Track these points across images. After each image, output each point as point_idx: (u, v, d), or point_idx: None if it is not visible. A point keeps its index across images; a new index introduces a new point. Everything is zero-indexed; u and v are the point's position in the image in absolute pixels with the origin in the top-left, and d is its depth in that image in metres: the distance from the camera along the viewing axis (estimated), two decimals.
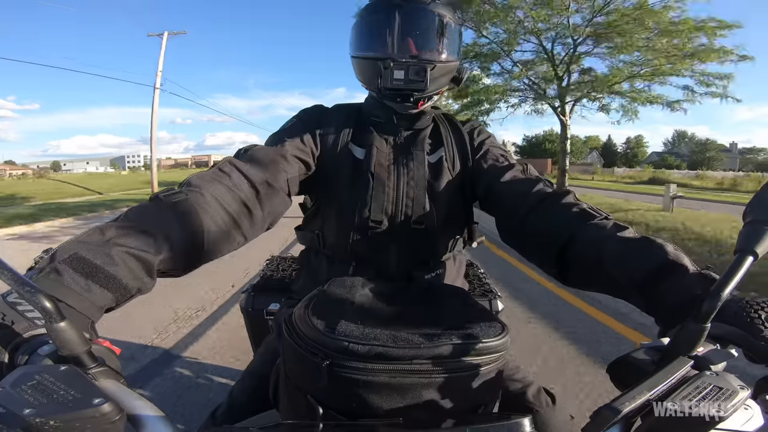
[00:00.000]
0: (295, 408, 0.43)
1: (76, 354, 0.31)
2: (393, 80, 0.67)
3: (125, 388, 0.32)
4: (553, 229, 0.58)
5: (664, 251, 0.46)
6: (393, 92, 0.69)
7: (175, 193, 0.52)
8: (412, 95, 0.69)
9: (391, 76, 0.67)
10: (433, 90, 0.71)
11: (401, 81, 0.67)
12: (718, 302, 0.32)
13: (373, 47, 0.71)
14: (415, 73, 0.67)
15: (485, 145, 0.77)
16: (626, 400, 0.28)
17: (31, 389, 0.26)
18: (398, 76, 0.67)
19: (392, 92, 0.69)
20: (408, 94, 0.69)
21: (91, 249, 0.41)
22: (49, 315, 0.29)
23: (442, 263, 0.76)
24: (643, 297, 0.47)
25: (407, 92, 0.69)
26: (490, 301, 1.04)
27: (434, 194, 0.71)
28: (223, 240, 0.54)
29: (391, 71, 0.67)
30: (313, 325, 0.40)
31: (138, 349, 2.15)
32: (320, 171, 0.72)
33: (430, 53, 0.70)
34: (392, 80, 0.67)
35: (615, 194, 13.90)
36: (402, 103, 0.72)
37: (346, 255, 0.72)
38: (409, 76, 0.67)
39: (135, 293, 0.45)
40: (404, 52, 0.69)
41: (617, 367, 0.37)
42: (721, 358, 0.33)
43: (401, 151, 0.73)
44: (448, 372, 0.38)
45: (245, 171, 0.59)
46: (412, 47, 0.69)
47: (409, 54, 0.69)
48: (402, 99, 0.70)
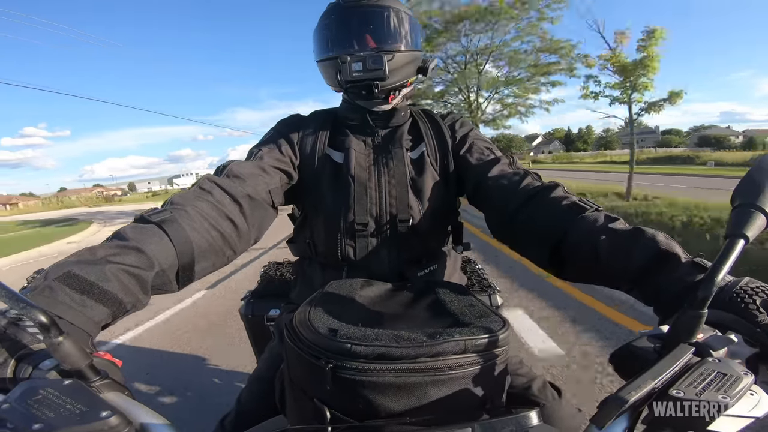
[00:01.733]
0: (302, 412, 0.43)
1: (78, 368, 0.30)
2: (352, 73, 0.68)
3: (131, 399, 0.32)
4: (545, 224, 0.58)
5: (655, 242, 0.47)
6: (354, 85, 0.70)
7: (160, 212, 0.52)
8: (375, 86, 0.69)
9: (349, 69, 0.68)
10: (397, 80, 0.72)
11: (360, 72, 0.68)
12: (713, 288, 0.32)
13: (332, 48, 0.72)
14: (372, 62, 0.67)
15: (469, 138, 0.76)
16: (632, 389, 0.29)
17: (38, 404, 0.25)
18: (356, 68, 0.68)
19: (354, 85, 0.70)
20: (370, 85, 0.69)
21: (83, 267, 0.41)
22: (47, 330, 0.29)
23: (434, 259, 0.76)
24: (639, 288, 0.47)
25: (368, 82, 0.69)
26: (489, 296, 1.04)
27: (418, 190, 0.71)
28: (212, 254, 0.55)
29: (349, 65, 0.68)
30: (314, 329, 0.39)
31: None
32: (302, 179, 0.72)
33: (387, 44, 0.71)
34: (351, 73, 0.68)
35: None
36: (368, 97, 0.71)
37: (337, 260, 0.72)
38: (367, 66, 0.67)
39: (130, 308, 0.45)
40: (362, 47, 0.70)
41: (619, 356, 0.37)
42: (721, 344, 0.34)
43: (380, 150, 0.73)
44: (452, 369, 0.38)
45: (225, 186, 0.60)
46: (369, 41, 0.70)
47: (367, 48, 0.70)
48: (367, 92, 0.70)
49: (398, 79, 0.72)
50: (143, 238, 0.47)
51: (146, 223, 0.50)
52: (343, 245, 0.70)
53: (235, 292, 3.35)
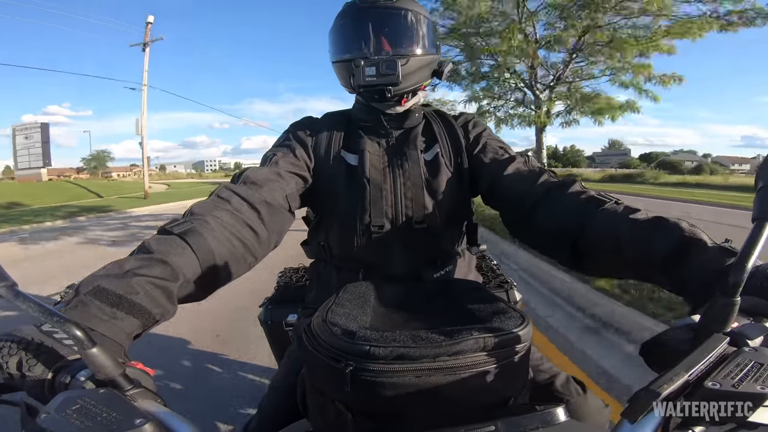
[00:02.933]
0: (324, 415, 0.44)
1: (112, 377, 0.31)
2: (365, 77, 0.68)
3: (163, 407, 0.33)
4: (564, 220, 0.57)
5: (680, 229, 0.45)
6: (367, 89, 0.70)
7: (182, 223, 0.53)
8: (388, 90, 0.69)
9: (363, 74, 0.68)
10: (410, 85, 0.72)
11: (373, 77, 0.68)
12: (744, 274, 0.31)
13: (346, 50, 0.72)
14: (386, 67, 0.68)
15: (482, 138, 0.76)
16: (664, 382, 0.28)
17: (76, 413, 0.26)
18: (370, 73, 0.68)
19: (367, 89, 0.70)
20: (383, 90, 0.69)
21: (112, 281, 0.43)
22: (81, 342, 0.30)
23: (450, 260, 0.76)
24: (666, 277, 0.46)
25: (381, 87, 0.69)
26: (506, 292, 1.03)
27: (433, 192, 0.71)
28: (234, 262, 0.56)
29: (363, 69, 0.68)
30: (332, 332, 0.40)
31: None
32: (317, 182, 0.73)
33: (402, 48, 0.70)
34: (364, 77, 0.68)
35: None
36: (381, 101, 0.72)
37: (353, 262, 0.72)
38: (381, 71, 0.68)
39: (159, 318, 0.46)
40: (376, 50, 0.70)
41: (650, 348, 0.36)
42: (757, 333, 0.32)
43: (394, 152, 0.73)
44: (473, 367, 0.38)
45: (243, 194, 0.61)
46: (384, 45, 0.70)
47: (381, 51, 0.70)
48: (379, 96, 0.71)
49: (412, 83, 0.72)
50: (167, 249, 0.49)
51: (169, 234, 0.51)
52: (359, 247, 0.70)
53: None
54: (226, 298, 1.11)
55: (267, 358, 2.02)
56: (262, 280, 1.94)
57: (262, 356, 2.11)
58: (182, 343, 2.42)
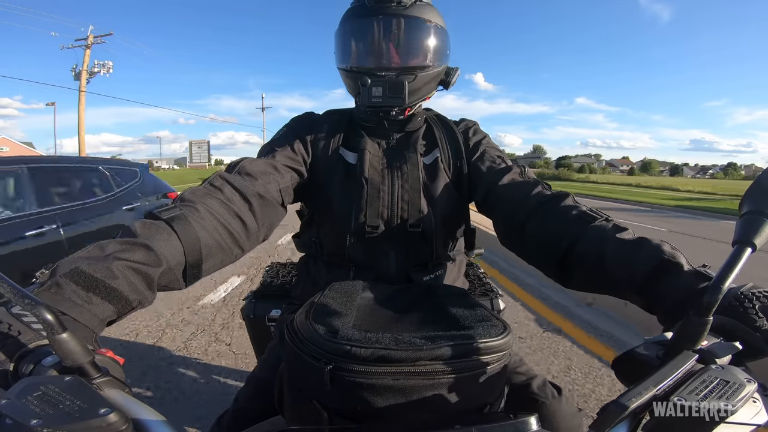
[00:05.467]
0: (300, 413, 0.43)
1: (79, 364, 0.30)
2: (372, 98, 0.68)
3: (130, 397, 0.32)
4: (554, 233, 0.57)
5: (660, 251, 0.47)
6: (373, 110, 0.70)
7: (170, 208, 0.52)
8: (393, 109, 0.70)
9: (369, 95, 0.68)
10: (416, 99, 0.72)
11: (379, 98, 0.68)
12: (719, 295, 0.32)
13: (354, 59, 0.71)
14: (392, 89, 0.67)
15: (482, 145, 0.76)
16: (633, 395, 0.28)
17: (37, 400, 0.25)
18: (376, 94, 0.67)
19: (372, 110, 0.70)
20: (388, 110, 0.70)
21: (91, 264, 0.41)
22: (51, 326, 0.29)
23: (441, 265, 0.76)
24: (643, 297, 0.47)
25: (387, 108, 0.69)
26: (491, 301, 1.03)
27: (430, 196, 0.71)
28: (220, 252, 0.55)
29: (369, 89, 0.67)
30: (314, 330, 0.40)
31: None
32: (313, 178, 0.72)
33: (412, 61, 0.69)
34: (371, 98, 0.68)
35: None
36: (385, 118, 0.72)
37: (344, 260, 0.71)
38: (387, 93, 0.67)
39: (136, 306, 0.45)
40: (383, 62, 0.69)
41: (622, 362, 0.37)
42: (725, 351, 0.33)
43: (394, 154, 0.73)
44: (451, 373, 0.38)
45: (236, 184, 0.60)
46: (393, 57, 0.69)
47: (390, 63, 0.69)
48: (384, 114, 0.71)
49: (417, 98, 0.72)
50: (152, 234, 0.47)
51: (156, 219, 0.50)
52: (351, 245, 0.70)
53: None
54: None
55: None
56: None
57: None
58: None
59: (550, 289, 3.26)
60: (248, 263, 3.99)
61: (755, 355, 0.35)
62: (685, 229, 8.83)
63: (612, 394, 1.92)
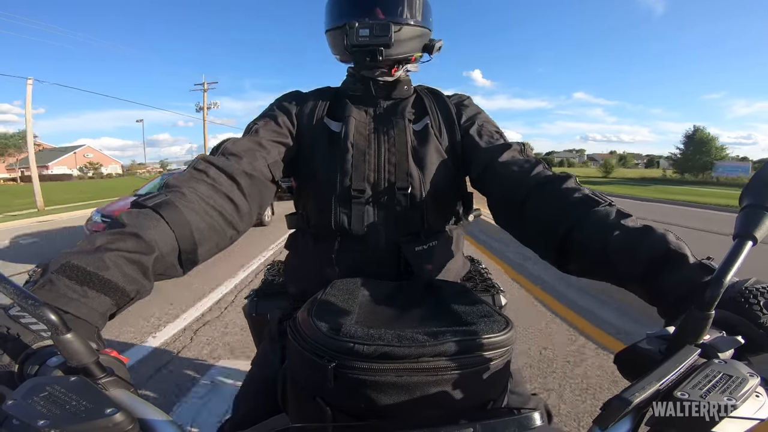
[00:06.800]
0: (303, 411, 0.43)
1: (84, 365, 0.30)
2: (358, 37, 0.68)
3: (136, 396, 0.32)
4: (555, 215, 0.55)
5: (665, 241, 0.46)
6: (360, 49, 0.70)
7: (155, 196, 0.51)
8: (380, 52, 0.69)
9: (356, 34, 0.68)
10: (402, 52, 0.72)
11: (366, 38, 0.68)
12: (721, 289, 0.32)
13: (341, 16, 0.72)
14: (379, 30, 0.68)
15: (478, 119, 0.75)
16: (636, 390, 0.28)
17: (44, 400, 0.26)
18: (363, 33, 0.68)
19: (359, 49, 0.70)
20: (375, 51, 0.69)
21: (82, 257, 0.41)
22: (55, 327, 0.29)
23: (434, 236, 0.72)
24: (644, 287, 0.47)
25: (373, 48, 0.69)
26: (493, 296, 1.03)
27: (420, 160, 0.69)
28: (214, 235, 0.54)
29: (356, 30, 0.68)
30: (317, 328, 0.40)
31: None
32: (300, 148, 0.72)
33: (396, 17, 0.71)
34: (357, 37, 0.68)
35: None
36: (372, 62, 0.71)
37: (330, 230, 0.69)
38: (374, 32, 0.68)
39: (134, 296, 0.44)
40: (371, 17, 0.70)
41: (624, 357, 0.37)
42: (728, 345, 0.33)
43: (382, 120, 0.73)
44: (454, 369, 0.38)
45: (221, 165, 0.59)
46: (378, 12, 0.71)
47: (376, 18, 0.70)
48: (371, 57, 0.70)
49: (403, 51, 0.72)
50: (140, 223, 0.47)
51: (143, 208, 0.49)
52: (337, 213, 0.67)
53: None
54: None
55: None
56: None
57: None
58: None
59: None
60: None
61: (758, 350, 0.35)
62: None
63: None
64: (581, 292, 3.14)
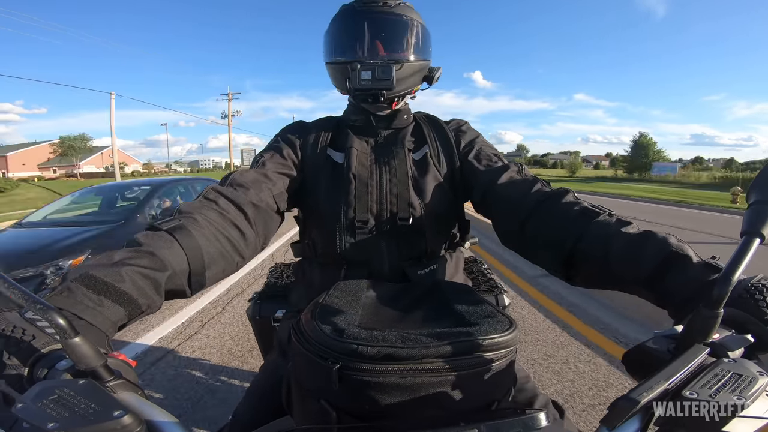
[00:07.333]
0: (308, 413, 0.43)
1: (93, 368, 0.31)
2: (361, 81, 0.69)
3: (143, 399, 0.32)
4: (557, 231, 0.57)
5: (667, 244, 0.46)
6: (362, 93, 0.71)
7: (171, 220, 0.54)
8: (382, 95, 0.71)
9: (358, 77, 0.69)
10: (403, 89, 0.74)
11: (369, 81, 0.69)
12: (729, 287, 0.31)
13: (342, 52, 0.74)
14: (381, 72, 0.69)
15: (476, 144, 0.76)
16: (644, 390, 0.28)
17: (53, 403, 0.26)
18: (365, 77, 0.69)
19: (361, 93, 0.71)
20: (377, 94, 0.71)
21: (100, 269, 0.43)
22: (63, 331, 0.30)
23: (435, 259, 0.75)
24: (651, 291, 0.47)
25: (376, 92, 0.70)
26: (496, 297, 1.03)
27: (420, 190, 0.71)
28: (221, 260, 0.56)
29: (359, 72, 0.69)
30: (321, 330, 0.40)
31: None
32: (303, 179, 0.73)
33: (397, 54, 0.72)
34: (360, 81, 0.69)
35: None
36: (374, 103, 0.73)
37: (336, 258, 0.71)
38: (376, 76, 0.69)
39: (145, 309, 0.46)
40: (372, 54, 0.71)
41: (632, 356, 0.36)
42: (737, 344, 0.33)
43: (382, 150, 0.74)
44: (458, 369, 0.38)
45: (229, 195, 0.62)
46: (379, 49, 0.72)
47: (377, 55, 0.71)
48: (373, 99, 0.72)
49: (404, 88, 0.74)
50: (155, 243, 0.49)
51: (157, 230, 0.52)
52: (342, 243, 0.70)
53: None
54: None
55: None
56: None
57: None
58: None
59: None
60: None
61: (767, 348, 0.35)
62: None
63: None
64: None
